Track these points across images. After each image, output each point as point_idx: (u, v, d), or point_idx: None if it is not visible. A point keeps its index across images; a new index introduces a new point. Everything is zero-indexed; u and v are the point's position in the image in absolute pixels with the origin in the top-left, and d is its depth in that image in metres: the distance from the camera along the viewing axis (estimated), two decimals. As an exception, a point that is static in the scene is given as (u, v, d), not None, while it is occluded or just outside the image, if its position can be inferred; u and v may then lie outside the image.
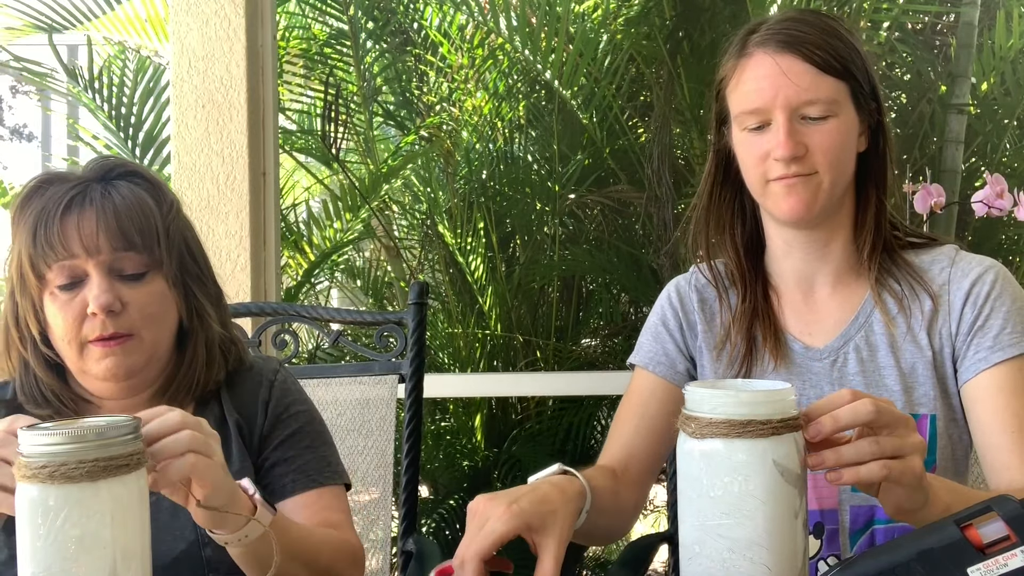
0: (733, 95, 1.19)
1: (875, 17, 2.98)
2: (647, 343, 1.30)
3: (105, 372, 1.08)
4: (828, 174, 1.14)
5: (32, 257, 1.07)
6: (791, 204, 1.13)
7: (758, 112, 1.14)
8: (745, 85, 1.16)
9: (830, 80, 1.13)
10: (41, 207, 1.08)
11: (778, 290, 1.25)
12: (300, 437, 1.21)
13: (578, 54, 2.76)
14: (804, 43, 1.13)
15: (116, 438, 0.77)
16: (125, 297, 1.08)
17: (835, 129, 1.13)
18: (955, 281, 1.17)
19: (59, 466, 0.74)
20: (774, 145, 1.12)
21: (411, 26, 3.06)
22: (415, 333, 1.60)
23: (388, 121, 3.21)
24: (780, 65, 1.13)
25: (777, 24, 1.16)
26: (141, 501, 0.79)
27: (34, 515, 0.75)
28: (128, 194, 1.10)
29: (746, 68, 1.16)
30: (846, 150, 1.15)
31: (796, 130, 1.12)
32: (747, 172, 1.19)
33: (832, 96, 1.13)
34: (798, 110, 1.13)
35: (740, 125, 1.17)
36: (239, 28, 2.14)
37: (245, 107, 2.13)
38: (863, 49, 1.18)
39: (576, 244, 2.97)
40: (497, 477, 2.94)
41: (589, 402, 2.87)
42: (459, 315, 2.97)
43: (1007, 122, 2.90)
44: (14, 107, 6.35)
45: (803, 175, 1.13)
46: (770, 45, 1.14)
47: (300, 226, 3.11)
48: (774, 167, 1.13)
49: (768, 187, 1.15)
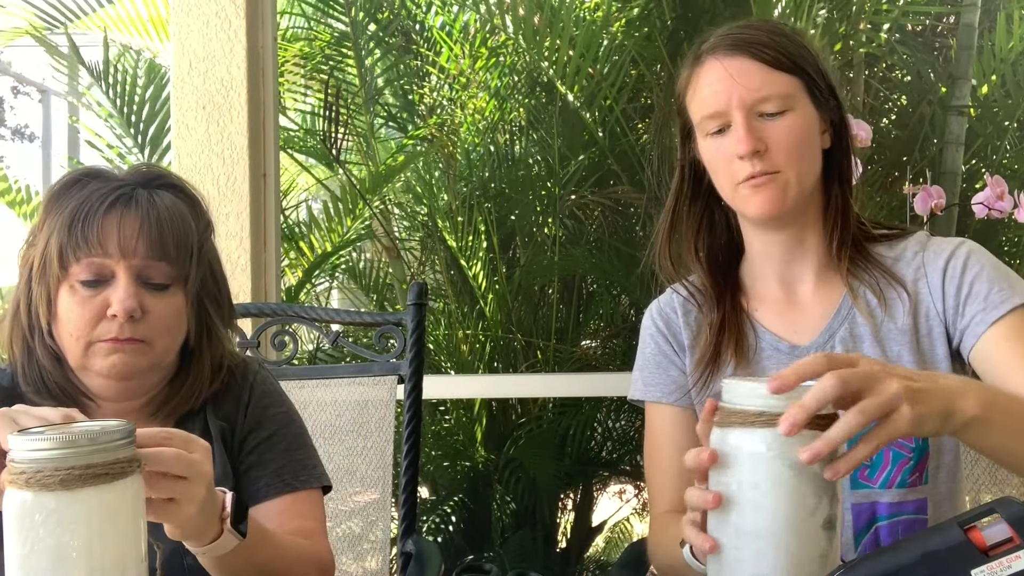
0: (692, 104, 1.23)
1: (875, 19, 2.98)
2: (652, 376, 1.30)
3: (110, 369, 1.08)
4: (792, 169, 1.16)
5: (63, 247, 1.06)
6: (759, 202, 1.16)
7: (716, 116, 1.18)
8: (701, 92, 1.20)
9: (781, 76, 1.16)
10: (82, 200, 1.07)
11: (760, 295, 1.27)
12: (276, 440, 1.20)
13: (580, 55, 2.76)
14: (752, 43, 1.17)
15: (109, 443, 0.76)
16: (147, 305, 1.08)
17: (792, 124, 1.16)
18: (929, 263, 1.19)
19: (52, 471, 0.73)
20: (736, 144, 1.15)
21: (413, 27, 3.06)
22: (414, 334, 1.61)
23: (390, 123, 3.21)
24: (730, 68, 1.16)
25: (725, 31, 1.21)
26: (135, 507, 0.78)
27: (22, 521, 0.73)
28: (172, 205, 1.11)
29: (700, 76, 1.21)
30: (806, 144, 1.17)
31: (754, 127, 1.15)
32: (717, 178, 1.22)
33: (785, 91, 1.16)
34: (754, 108, 1.16)
35: (703, 132, 1.21)
36: (240, 29, 2.14)
37: (246, 108, 2.14)
38: (814, 48, 1.21)
39: (576, 245, 2.97)
40: (497, 479, 2.94)
41: (589, 403, 2.87)
42: (459, 316, 2.97)
43: (1008, 124, 2.90)
44: (16, 107, 6.36)
45: (768, 173, 1.15)
46: (720, 50, 1.19)
47: (300, 227, 3.11)
48: (740, 168, 1.16)
49: (737, 190, 1.18)
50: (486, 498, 3.01)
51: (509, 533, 2.90)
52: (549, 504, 3.01)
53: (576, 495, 3.19)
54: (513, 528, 2.91)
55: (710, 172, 1.23)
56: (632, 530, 3.30)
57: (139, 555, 0.78)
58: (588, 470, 3.07)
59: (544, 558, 2.93)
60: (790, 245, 1.23)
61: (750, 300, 1.27)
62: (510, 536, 2.88)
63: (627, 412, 3.02)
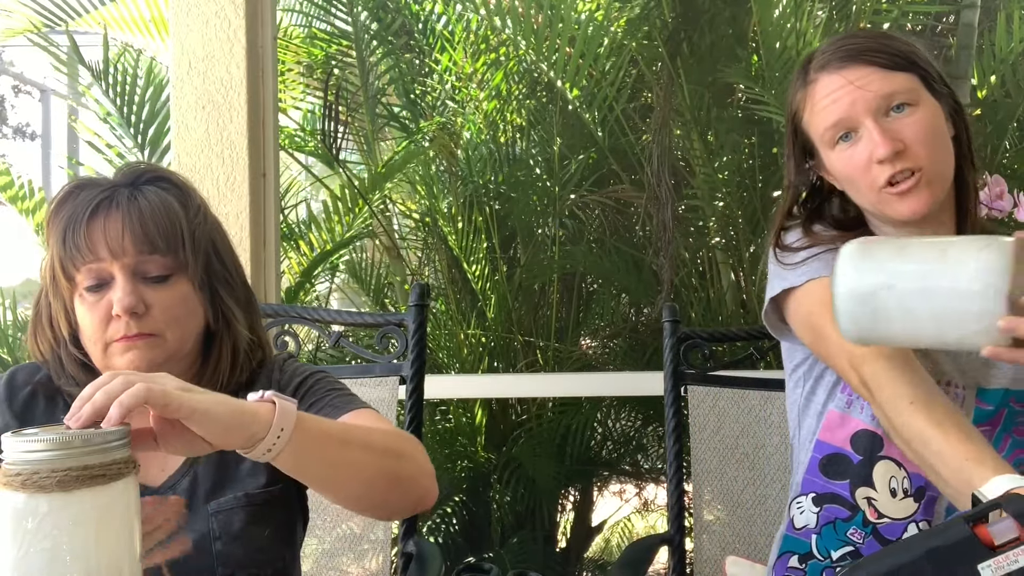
0: (812, 121, 1.23)
1: (875, 19, 2.98)
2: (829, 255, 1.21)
3: (127, 365, 1.10)
4: (932, 163, 1.16)
5: (62, 260, 1.10)
6: (909, 205, 1.16)
7: (840, 123, 1.18)
8: (820, 105, 1.20)
9: (899, 75, 1.17)
10: (71, 212, 1.11)
11: None
12: (320, 385, 1.19)
13: (580, 55, 2.76)
14: (863, 51, 1.18)
15: (102, 445, 0.75)
16: (149, 299, 1.10)
17: (922, 117, 1.16)
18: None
19: (48, 473, 0.72)
20: (872, 148, 1.15)
21: (416, 26, 3.06)
22: (416, 335, 1.61)
23: (392, 123, 3.21)
24: (848, 76, 1.17)
25: (831, 46, 1.21)
26: (130, 508, 0.77)
27: (17, 524, 0.73)
28: (155, 198, 1.12)
29: (816, 92, 1.21)
30: (940, 135, 1.18)
31: (887, 128, 1.15)
32: (856, 186, 1.21)
33: (908, 87, 1.17)
34: (880, 109, 1.16)
35: (829, 143, 1.21)
36: (239, 29, 2.14)
37: (245, 108, 2.13)
38: (919, 48, 1.22)
39: (576, 244, 2.97)
40: (497, 479, 2.94)
41: (589, 403, 2.87)
42: (459, 316, 2.97)
43: (1008, 124, 2.90)
44: (16, 106, 6.36)
45: (911, 173, 1.15)
46: (832, 65, 1.19)
47: (300, 227, 3.11)
48: (880, 172, 1.16)
49: (881, 195, 1.17)
50: (486, 498, 3.01)
51: (509, 533, 2.90)
52: (549, 504, 3.01)
53: (576, 495, 3.19)
54: (513, 528, 2.91)
55: (844, 183, 1.23)
56: (632, 530, 3.30)
57: (134, 557, 0.78)
58: (588, 470, 3.07)
59: (544, 558, 2.93)
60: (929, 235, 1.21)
61: None
62: (510, 536, 2.88)
63: (627, 412, 3.02)
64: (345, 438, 0.98)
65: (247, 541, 1.13)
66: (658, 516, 3.30)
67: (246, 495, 1.13)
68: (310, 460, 0.94)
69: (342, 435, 0.98)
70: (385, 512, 1.16)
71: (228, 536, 1.12)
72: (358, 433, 1.01)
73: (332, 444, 0.95)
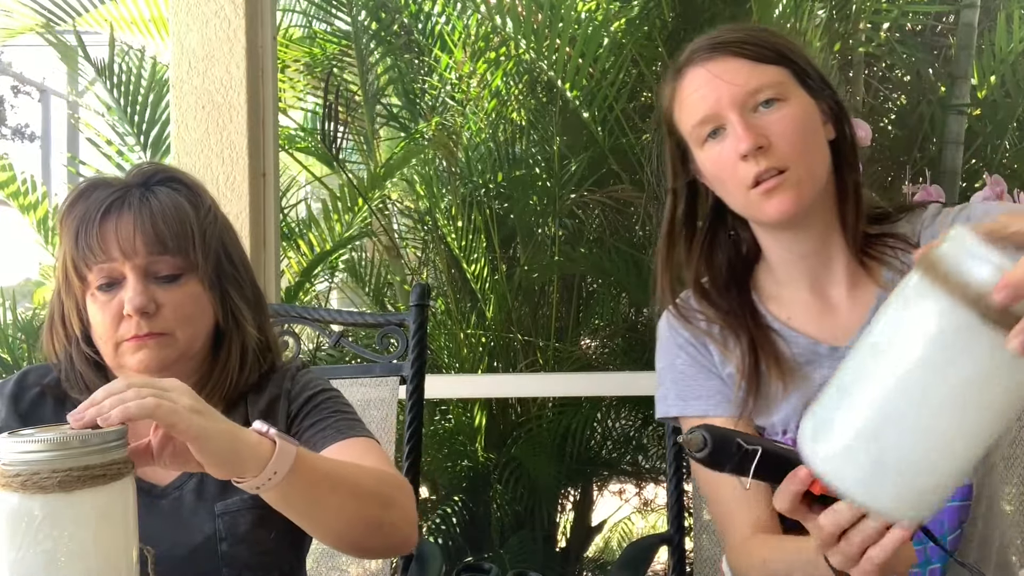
0: (681, 117, 1.17)
1: (875, 18, 2.98)
2: (691, 389, 1.21)
3: (138, 364, 1.11)
4: (800, 162, 1.10)
5: (75, 259, 1.11)
6: (775, 205, 1.09)
7: (707, 120, 1.12)
8: (686, 101, 1.14)
9: (768, 67, 1.11)
10: (83, 212, 1.12)
11: (790, 300, 1.20)
12: (328, 404, 1.20)
13: (580, 55, 2.76)
14: (731, 43, 1.12)
15: (100, 445, 0.75)
16: (160, 299, 1.11)
17: (790, 112, 1.10)
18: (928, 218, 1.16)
19: (49, 474, 0.72)
20: (734, 143, 1.09)
21: (416, 26, 3.06)
22: (416, 335, 1.60)
23: (391, 122, 3.21)
24: (713, 70, 1.12)
25: (701, 39, 1.16)
26: (127, 511, 0.77)
27: (15, 524, 0.73)
28: (166, 199, 1.14)
29: (683, 86, 1.15)
30: (810, 133, 1.12)
31: (751, 123, 1.09)
32: (724, 187, 1.15)
33: (775, 80, 1.11)
34: (746, 103, 1.10)
35: (697, 141, 1.15)
36: (239, 29, 2.13)
37: (245, 108, 2.13)
38: (797, 41, 1.18)
39: (576, 244, 2.97)
40: (497, 478, 2.94)
41: (589, 403, 2.87)
42: (459, 316, 2.97)
43: (1008, 124, 2.91)
44: (16, 107, 6.36)
45: (778, 173, 1.09)
46: (698, 58, 1.14)
47: (300, 226, 3.11)
48: (746, 169, 1.09)
49: (749, 197, 1.11)
50: (486, 498, 3.01)
51: (509, 533, 2.90)
52: (549, 504, 3.01)
53: (576, 495, 3.19)
54: (513, 528, 2.91)
55: (715, 184, 1.16)
56: (632, 529, 3.30)
57: (131, 557, 0.78)
58: (588, 470, 3.07)
59: (544, 558, 2.93)
60: (815, 246, 1.17)
61: (779, 307, 1.20)
62: (510, 536, 2.88)
63: (627, 412, 3.02)
64: (335, 481, 0.98)
65: (253, 543, 1.13)
66: (658, 516, 3.31)
67: (253, 497, 1.13)
68: (297, 500, 0.94)
69: (333, 478, 0.98)
70: (361, 552, 1.16)
71: (234, 538, 1.12)
72: (349, 475, 1.01)
73: (322, 487, 0.96)
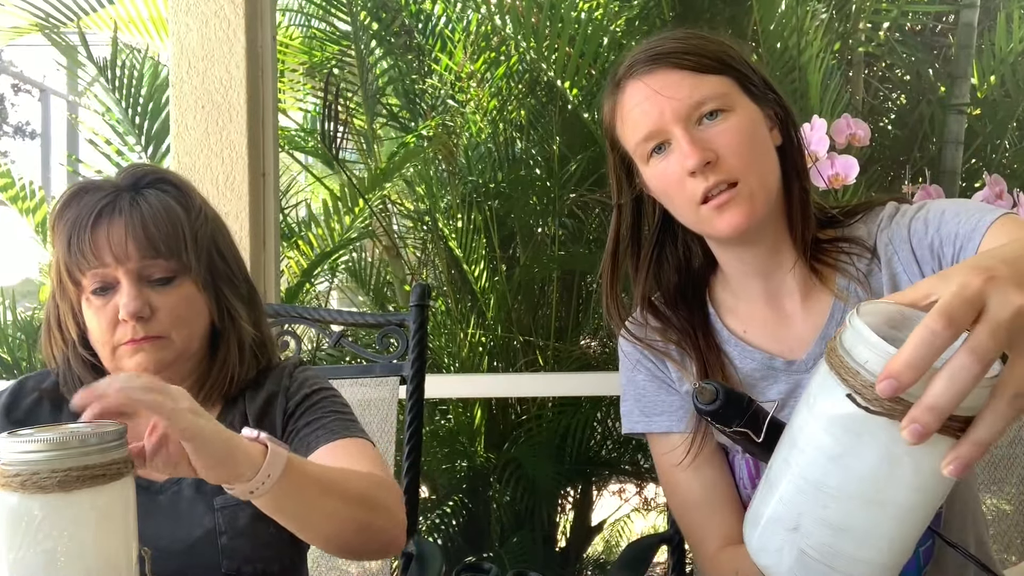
0: (623, 132, 1.13)
1: (874, 18, 2.98)
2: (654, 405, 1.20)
3: (136, 367, 1.12)
4: (750, 174, 1.06)
5: (68, 265, 1.12)
6: (728, 220, 1.06)
7: (651, 136, 1.08)
8: (628, 116, 1.10)
9: (709, 78, 1.07)
10: (75, 217, 1.12)
11: (746, 314, 1.18)
12: (324, 404, 1.21)
13: (579, 55, 2.76)
14: (669, 54, 1.08)
15: (100, 445, 0.75)
16: (155, 302, 1.12)
17: (735, 124, 1.06)
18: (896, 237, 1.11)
19: (48, 473, 0.72)
20: (680, 160, 1.06)
21: (416, 25, 3.06)
22: (416, 335, 1.60)
23: (391, 122, 3.21)
24: (653, 84, 1.08)
25: (639, 49, 1.12)
26: (126, 511, 0.77)
27: (14, 524, 0.72)
28: (156, 203, 1.14)
29: (624, 101, 1.11)
30: (757, 143, 1.08)
31: (698, 137, 1.06)
32: (672, 203, 1.11)
33: (718, 91, 1.07)
34: (690, 117, 1.06)
35: (642, 158, 1.11)
36: (239, 29, 2.13)
37: (245, 108, 2.13)
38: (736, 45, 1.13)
39: (576, 244, 2.97)
40: (497, 478, 2.94)
41: (589, 403, 2.87)
42: (459, 316, 2.97)
43: (1007, 124, 2.91)
44: (17, 105, 6.37)
45: (728, 187, 1.05)
46: (638, 71, 1.10)
47: (300, 227, 3.11)
48: (694, 186, 1.06)
49: (699, 213, 1.07)
50: (486, 498, 3.01)
51: (509, 533, 2.90)
52: (549, 504, 3.01)
53: (576, 495, 3.19)
54: (513, 528, 2.91)
55: (663, 200, 1.13)
56: (632, 529, 3.30)
57: (130, 557, 0.78)
58: (588, 470, 3.07)
59: (544, 558, 2.93)
60: (766, 257, 1.13)
61: (736, 321, 1.18)
62: (510, 536, 2.88)
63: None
64: (326, 486, 0.98)
65: (253, 536, 1.13)
66: (658, 515, 3.31)
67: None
68: (287, 504, 0.94)
69: (322, 482, 0.98)
70: (348, 554, 1.17)
71: (233, 531, 1.13)
72: (339, 479, 1.01)
73: (312, 492, 0.96)
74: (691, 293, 1.21)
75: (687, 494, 1.17)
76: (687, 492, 1.17)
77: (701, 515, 1.16)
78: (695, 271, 1.22)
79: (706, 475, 1.16)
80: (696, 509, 1.17)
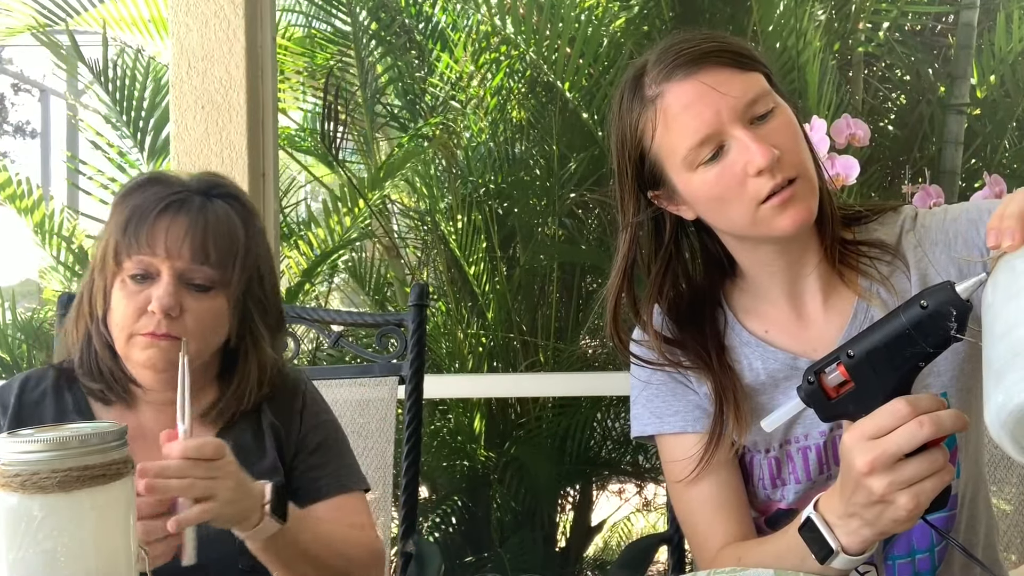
0: (666, 142, 1.05)
1: (874, 18, 2.98)
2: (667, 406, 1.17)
3: (146, 360, 1.15)
4: (805, 171, 1.03)
5: (118, 244, 1.15)
6: (792, 216, 1.02)
7: (708, 139, 1.02)
8: (676, 121, 1.03)
9: (752, 75, 1.03)
10: (140, 201, 1.16)
11: (767, 316, 1.16)
12: (330, 444, 1.29)
13: (579, 55, 2.76)
14: (710, 52, 1.03)
15: (100, 445, 0.75)
16: (186, 304, 1.15)
17: (785, 119, 1.04)
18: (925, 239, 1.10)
19: (49, 473, 0.72)
20: (748, 159, 1.00)
21: (416, 26, 3.06)
22: (415, 335, 1.61)
23: (391, 122, 3.21)
24: (706, 80, 1.01)
25: (666, 55, 1.05)
26: (127, 509, 0.77)
27: (14, 525, 0.72)
28: (223, 214, 1.18)
29: (668, 106, 1.03)
30: (802, 139, 1.06)
31: (760, 135, 1.01)
32: (727, 207, 1.05)
33: (763, 87, 1.03)
34: (745, 115, 1.02)
35: (691, 165, 1.04)
36: (239, 29, 2.13)
37: (244, 108, 2.13)
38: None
39: (576, 244, 2.97)
40: (497, 478, 2.94)
41: (588, 403, 2.87)
42: (459, 316, 2.97)
43: (1007, 124, 2.91)
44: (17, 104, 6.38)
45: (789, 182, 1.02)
46: (679, 72, 1.03)
47: (300, 227, 3.11)
48: (759, 185, 1.01)
49: (759, 212, 1.03)
50: (486, 498, 3.01)
51: (509, 533, 2.90)
52: (549, 504, 3.02)
53: (576, 495, 3.19)
54: (513, 528, 2.91)
55: (709, 206, 1.07)
56: (632, 529, 3.30)
57: (130, 557, 0.78)
58: (588, 470, 3.07)
59: (544, 558, 2.93)
60: (795, 256, 1.11)
61: (757, 322, 1.16)
62: (510, 536, 2.88)
63: (626, 411, 3.02)
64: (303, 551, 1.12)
65: None
66: (658, 516, 3.31)
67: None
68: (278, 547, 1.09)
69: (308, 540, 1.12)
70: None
71: None
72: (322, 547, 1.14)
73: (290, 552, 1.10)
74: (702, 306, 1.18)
75: (697, 495, 1.15)
76: (697, 493, 1.15)
77: (709, 516, 1.15)
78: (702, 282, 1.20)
79: (720, 476, 1.14)
80: (703, 513, 1.15)
